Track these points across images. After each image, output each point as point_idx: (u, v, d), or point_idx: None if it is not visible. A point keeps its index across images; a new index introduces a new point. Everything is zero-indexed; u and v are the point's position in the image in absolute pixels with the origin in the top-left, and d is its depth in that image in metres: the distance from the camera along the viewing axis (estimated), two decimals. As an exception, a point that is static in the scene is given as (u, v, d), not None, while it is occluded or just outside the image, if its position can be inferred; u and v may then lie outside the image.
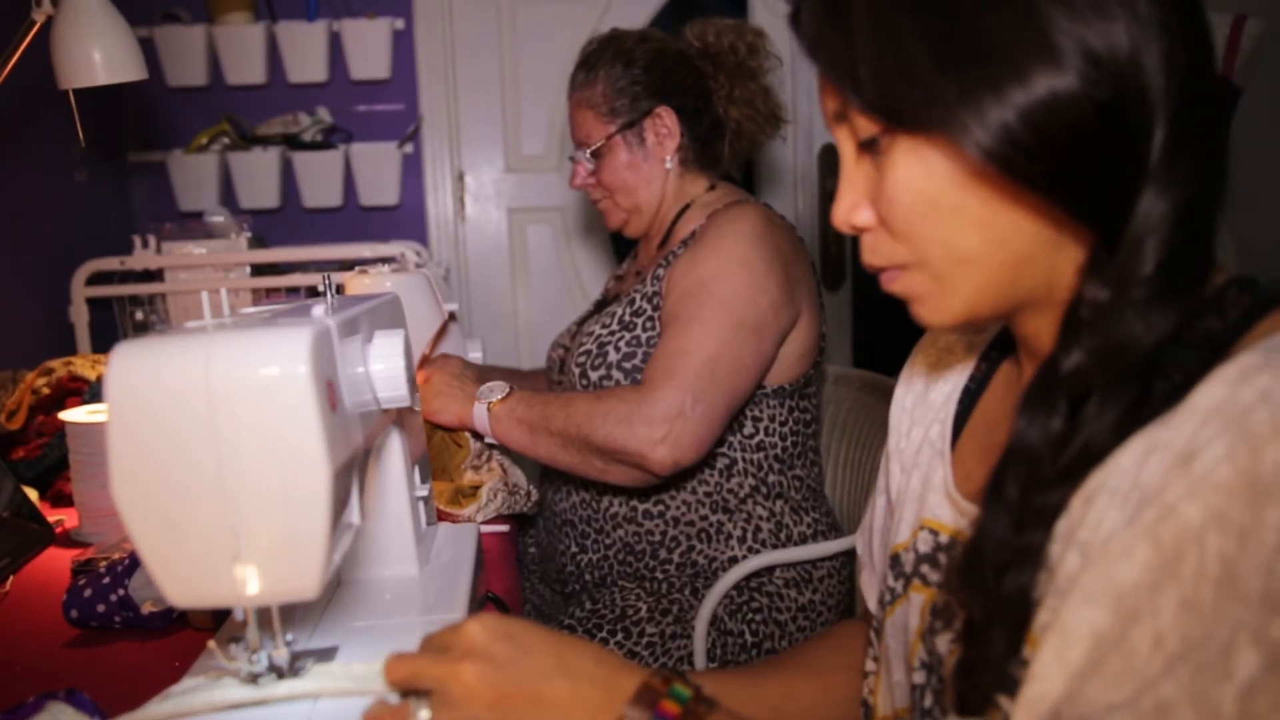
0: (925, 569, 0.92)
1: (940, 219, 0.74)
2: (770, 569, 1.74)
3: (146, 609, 1.18)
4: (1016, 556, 0.71)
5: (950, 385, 0.98)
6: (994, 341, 0.97)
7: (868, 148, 0.76)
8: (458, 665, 0.77)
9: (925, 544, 0.93)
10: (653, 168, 1.84)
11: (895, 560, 0.96)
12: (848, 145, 0.79)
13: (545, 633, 0.80)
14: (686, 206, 1.85)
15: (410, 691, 0.79)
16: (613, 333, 1.76)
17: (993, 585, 0.72)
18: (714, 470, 1.75)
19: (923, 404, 1.01)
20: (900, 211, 0.75)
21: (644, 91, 1.81)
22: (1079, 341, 0.70)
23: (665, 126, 1.82)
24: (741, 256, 1.66)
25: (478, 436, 1.74)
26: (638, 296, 1.77)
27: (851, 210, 0.79)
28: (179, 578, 0.75)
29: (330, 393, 0.76)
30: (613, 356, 1.73)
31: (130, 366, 0.71)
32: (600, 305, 2.00)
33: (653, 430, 1.56)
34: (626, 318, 1.76)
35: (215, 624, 1.18)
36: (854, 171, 0.79)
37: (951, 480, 0.92)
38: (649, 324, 1.73)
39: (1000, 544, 0.72)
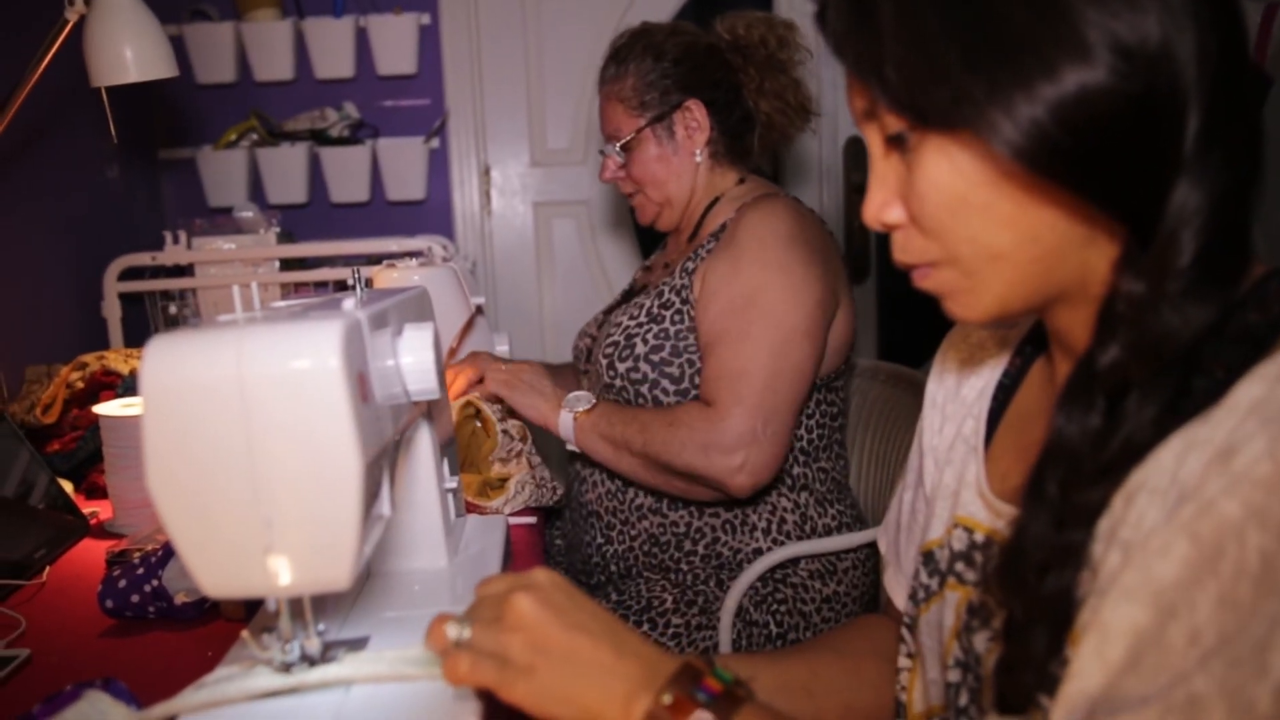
0: (960, 567, 0.91)
1: (970, 217, 0.73)
2: (795, 561, 1.74)
3: (179, 600, 1.19)
4: (1058, 556, 0.70)
5: (983, 381, 0.97)
6: (1028, 336, 0.96)
7: (896, 144, 0.76)
8: (513, 591, 0.77)
9: (960, 542, 0.92)
10: (683, 161, 1.84)
11: (929, 558, 0.95)
12: (876, 142, 0.78)
13: (602, 607, 0.81)
14: (716, 200, 1.84)
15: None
16: (640, 324, 1.76)
17: (1034, 585, 0.71)
18: (740, 462, 1.75)
19: (955, 399, 1.00)
20: (930, 209, 0.74)
21: (674, 85, 1.81)
22: (1115, 336, 0.69)
23: (695, 120, 1.82)
24: (779, 261, 1.66)
25: (505, 429, 1.74)
26: (666, 289, 1.77)
27: (882, 208, 0.78)
28: (213, 568, 0.75)
29: (361, 385, 0.76)
30: (640, 349, 1.74)
31: (164, 361, 0.72)
32: (628, 295, 2.00)
33: (730, 459, 1.58)
34: (655, 310, 1.76)
35: (247, 615, 1.19)
36: (883, 168, 0.78)
37: (985, 479, 0.91)
38: (677, 317, 1.73)
39: (1041, 543, 0.71)
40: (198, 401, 0.71)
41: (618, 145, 1.85)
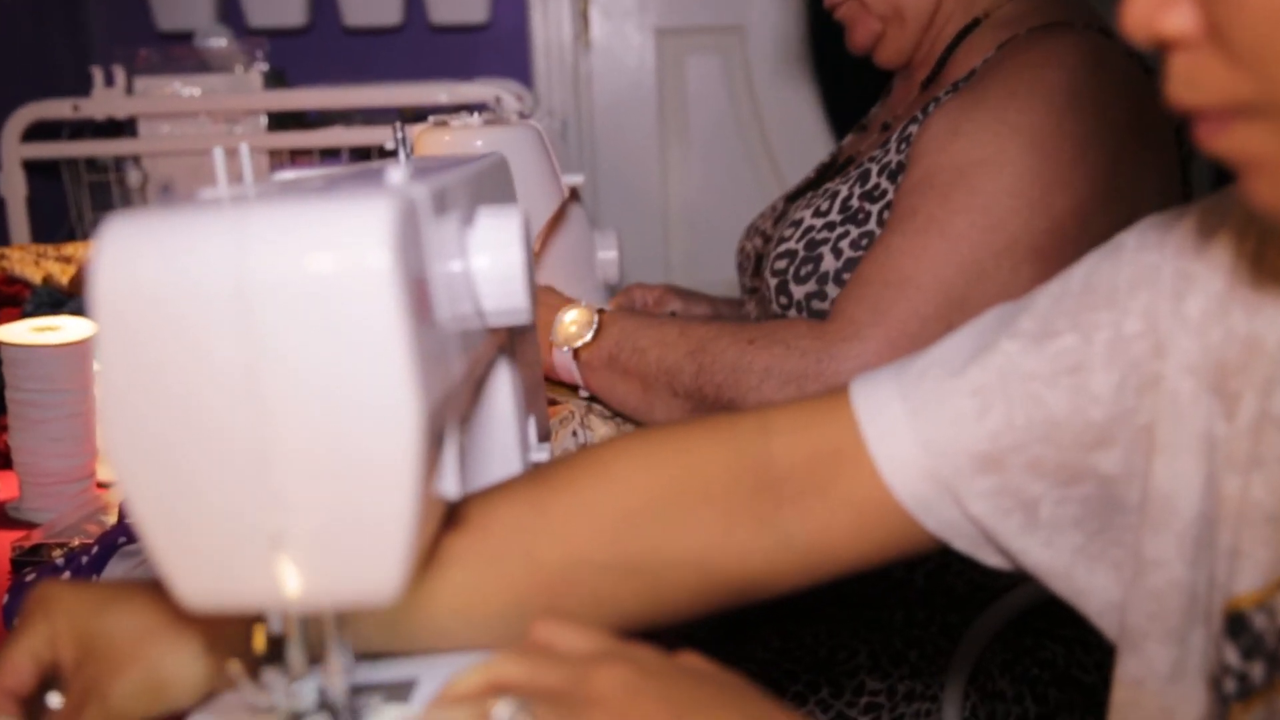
0: None
1: None
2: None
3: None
4: None
5: None
6: None
7: None
8: (589, 665, 0.80)
9: None
10: None
11: (1238, 624, 0.88)
12: None
13: (732, 676, 0.82)
14: (974, 23, 1.78)
15: None
16: (831, 225, 1.71)
17: None
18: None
19: (1237, 339, 0.89)
20: (1251, 16, 0.67)
21: None
22: None
23: None
24: (1033, 130, 1.58)
25: (573, 388, 1.77)
26: (874, 168, 1.72)
27: (1160, 7, 0.71)
28: (196, 569, 0.78)
29: (421, 298, 0.78)
30: (829, 263, 1.69)
31: (128, 257, 0.73)
32: (826, 171, 1.97)
33: None
34: (854, 202, 1.71)
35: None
36: None
37: None
38: (889, 214, 1.67)
39: None
40: (178, 319, 0.73)
41: None
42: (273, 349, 0.73)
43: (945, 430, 0.97)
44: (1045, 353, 0.95)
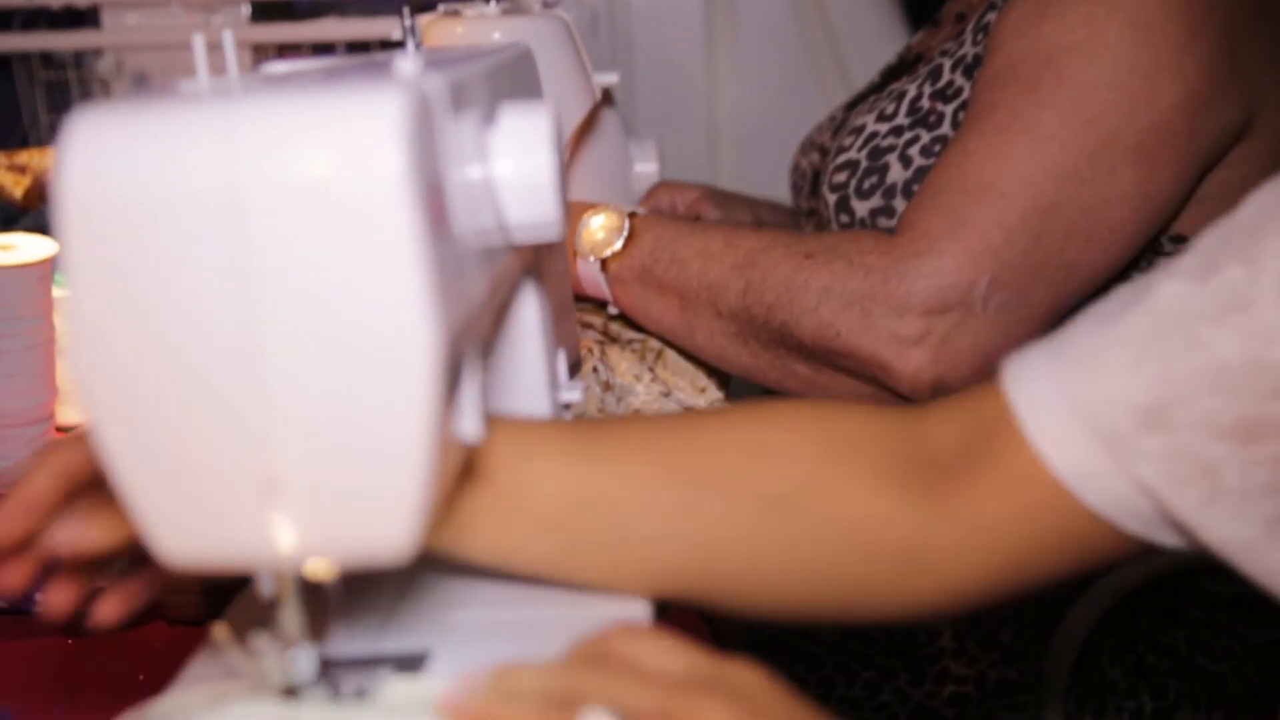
0: None
1: None
2: (1195, 575, 1.71)
3: (95, 582, 1.24)
4: None
5: None
6: None
7: None
8: (688, 696, 0.79)
9: None
10: None
11: None
12: None
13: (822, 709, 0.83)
14: None
15: None
16: (898, 130, 1.71)
17: None
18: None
19: None
20: None
21: None
22: None
23: None
24: (1134, 8, 1.54)
25: (599, 305, 1.77)
26: (946, 63, 1.71)
27: None
28: (178, 521, 0.78)
29: (437, 207, 0.78)
30: (896, 174, 1.69)
31: (99, 160, 0.73)
32: (893, 73, 1.97)
33: (903, 325, 1.47)
34: (924, 102, 1.70)
35: (208, 610, 1.22)
36: None
37: None
38: (964, 114, 1.65)
39: None
40: (158, 231, 0.73)
41: None
42: (266, 265, 0.73)
43: (1099, 384, 0.94)
44: (1208, 288, 0.92)
